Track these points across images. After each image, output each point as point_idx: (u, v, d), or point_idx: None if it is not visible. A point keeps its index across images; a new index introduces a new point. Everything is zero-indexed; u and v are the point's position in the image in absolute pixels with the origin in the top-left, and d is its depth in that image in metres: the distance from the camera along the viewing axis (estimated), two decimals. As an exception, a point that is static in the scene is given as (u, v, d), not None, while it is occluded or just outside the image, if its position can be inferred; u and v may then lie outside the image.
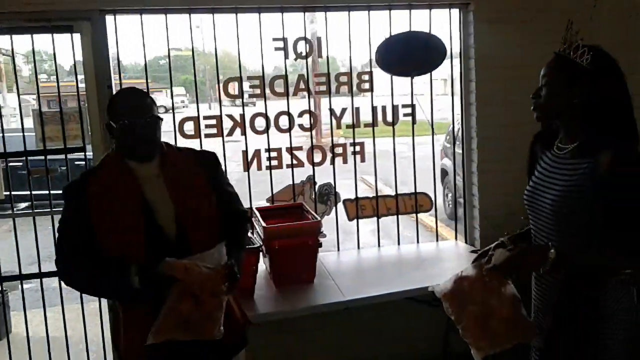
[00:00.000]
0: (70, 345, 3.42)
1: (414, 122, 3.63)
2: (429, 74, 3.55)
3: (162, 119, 2.01)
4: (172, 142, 2.43)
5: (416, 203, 3.73)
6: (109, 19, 3.20)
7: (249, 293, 2.87)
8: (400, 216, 3.72)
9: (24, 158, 3.29)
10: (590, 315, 1.77)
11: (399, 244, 3.76)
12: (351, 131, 3.58)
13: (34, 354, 3.39)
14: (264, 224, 2.89)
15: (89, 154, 3.33)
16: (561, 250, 1.70)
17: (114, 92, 3.22)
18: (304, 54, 3.39)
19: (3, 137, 3.22)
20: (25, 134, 3.33)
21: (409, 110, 3.60)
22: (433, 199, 3.81)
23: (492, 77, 3.52)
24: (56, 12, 3.09)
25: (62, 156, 3.28)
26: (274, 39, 3.36)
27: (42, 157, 3.28)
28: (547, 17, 3.43)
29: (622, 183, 1.64)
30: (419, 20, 3.49)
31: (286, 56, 3.38)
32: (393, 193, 3.70)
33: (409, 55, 3.43)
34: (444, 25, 3.57)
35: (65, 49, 3.24)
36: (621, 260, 1.68)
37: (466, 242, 3.75)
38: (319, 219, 3.05)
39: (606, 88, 1.76)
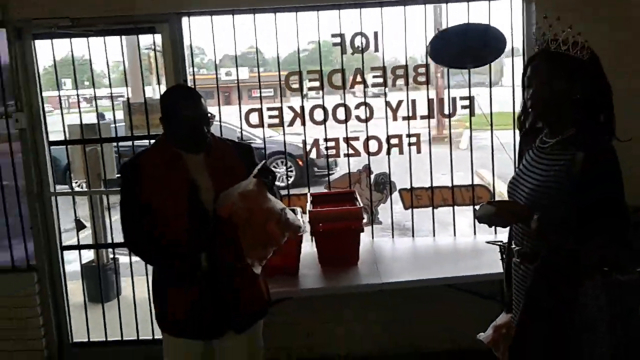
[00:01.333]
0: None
1: (471, 114, 3.64)
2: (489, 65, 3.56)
3: (212, 115, 2.28)
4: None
5: (473, 195, 3.75)
6: (185, 20, 3.59)
7: (294, 272, 3.12)
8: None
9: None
10: (566, 316, 1.80)
11: (454, 234, 3.80)
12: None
13: (139, 313, 3.89)
14: (309, 208, 3.13)
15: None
16: (542, 224, 1.75)
17: (190, 85, 3.62)
18: (360, 48, 3.55)
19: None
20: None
21: (467, 102, 3.63)
22: (492, 192, 3.80)
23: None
24: (140, 16, 3.51)
25: (147, 142, 3.73)
26: (333, 35, 3.55)
27: (130, 143, 3.77)
28: (612, 4, 3.28)
29: (593, 181, 1.70)
30: (478, 13, 3.50)
31: (344, 51, 3.56)
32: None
33: (466, 47, 3.45)
34: (504, 16, 3.54)
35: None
36: (596, 245, 1.74)
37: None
38: (361, 205, 3.21)
39: (602, 83, 1.82)
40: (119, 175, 2.40)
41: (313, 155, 3.71)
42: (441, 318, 3.64)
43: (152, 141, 2.57)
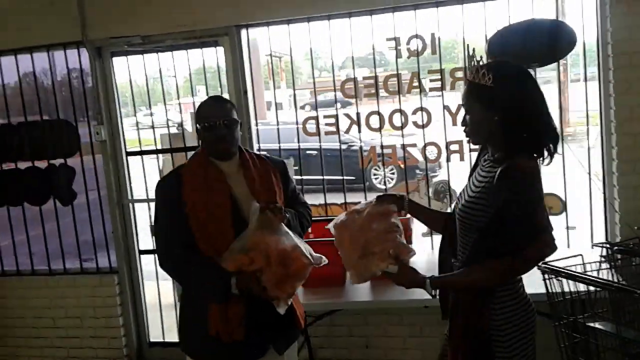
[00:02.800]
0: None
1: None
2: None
3: (240, 122, 2.30)
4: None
5: None
6: (244, 33, 3.69)
7: (341, 282, 3.06)
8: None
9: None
10: (483, 329, 1.89)
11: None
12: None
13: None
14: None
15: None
16: (435, 281, 1.94)
17: (247, 96, 3.72)
18: (416, 51, 3.42)
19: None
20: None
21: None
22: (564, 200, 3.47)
23: (634, 64, 3.08)
24: (202, 30, 3.67)
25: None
26: (387, 39, 3.45)
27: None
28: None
29: (508, 188, 1.77)
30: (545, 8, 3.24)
31: (398, 55, 3.45)
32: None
33: (529, 45, 3.20)
34: (575, 10, 3.24)
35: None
36: (476, 272, 1.87)
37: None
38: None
39: (517, 102, 1.80)
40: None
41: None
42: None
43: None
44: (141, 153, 4.09)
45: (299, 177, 3.92)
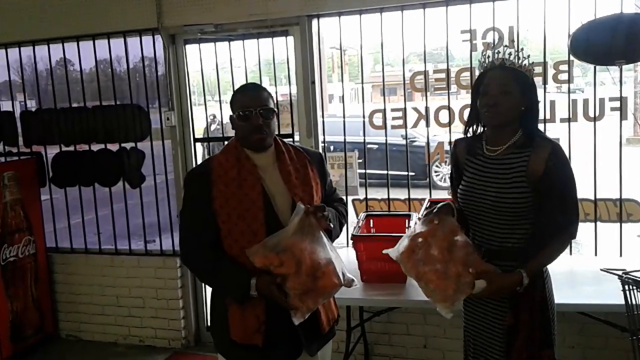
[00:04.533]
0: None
1: (622, 117, 3.17)
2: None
3: (275, 111, 2.17)
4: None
5: (621, 210, 3.25)
6: (315, 23, 3.67)
7: (402, 279, 2.98)
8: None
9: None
10: (545, 299, 2.11)
11: (595, 254, 3.34)
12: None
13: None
14: (421, 213, 2.96)
15: (297, 139, 3.87)
16: (529, 270, 2.02)
17: (315, 86, 3.69)
18: (492, 44, 3.29)
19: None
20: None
21: (616, 103, 3.16)
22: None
23: None
24: (273, 19, 3.68)
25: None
26: (462, 31, 3.35)
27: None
28: None
29: (562, 166, 2.01)
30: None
31: (473, 48, 3.33)
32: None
33: (616, 41, 3.01)
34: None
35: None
36: (556, 250, 2.07)
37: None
38: (449, 202, 2.96)
39: (536, 94, 2.12)
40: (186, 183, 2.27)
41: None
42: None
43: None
44: (208, 140, 4.15)
45: (362, 171, 3.88)
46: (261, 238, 2.09)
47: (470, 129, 2.21)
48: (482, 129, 2.20)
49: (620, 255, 3.29)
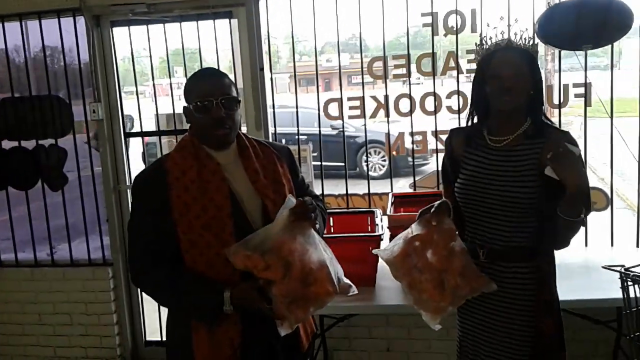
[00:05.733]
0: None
1: (587, 104, 3.10)
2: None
3: (239, 101, 1.84)
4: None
5: (612, 197, 3.20)
6: (262, 3, 3.34)
7: (371, 282, 2.75)
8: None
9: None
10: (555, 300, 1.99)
11: (612, 244, 3.23)
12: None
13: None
14: (389, 211, 2.74)
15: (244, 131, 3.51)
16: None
17: (265, 74, 3.37)
18: (455, 28, 3.12)
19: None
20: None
21: (581, 90, 3.08)
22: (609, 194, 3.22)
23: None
24: (216, -1, 3.32)
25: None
26: (422, 14, 3.15)
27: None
28: None
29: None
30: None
31: (435, 32, 3.14)
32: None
33: (582, 25, 2.92)
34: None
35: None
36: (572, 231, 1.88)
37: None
38: (446, 200, 2.78)
39: (542, 79, 1.96)
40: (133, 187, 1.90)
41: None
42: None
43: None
44: (142, 134, 3.73)
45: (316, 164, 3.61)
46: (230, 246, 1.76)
47: (473, 118, 2.04)
48: (474, 118, 2.02)
49: (612, 244, 3.21)
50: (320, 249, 1.82)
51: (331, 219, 3.09)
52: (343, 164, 3.49)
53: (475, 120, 2.04)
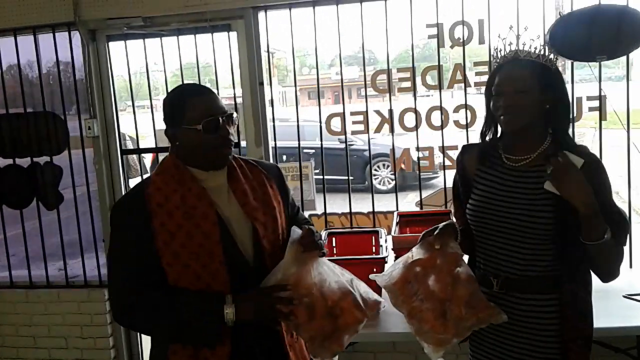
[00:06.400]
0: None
1: (601, 117, 2.95)
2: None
3: (237, 117, 1.75)
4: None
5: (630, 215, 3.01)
6: (261, 16, 3.23)
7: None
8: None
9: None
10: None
11: (630, 266, 3.02)
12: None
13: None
14: (393, 232, 2.60)
15: (243, 145, 3.40)
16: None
17: (265, 89, 3.26)
18: (461, 40, 2.99)
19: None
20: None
21: (595, 103, 2.94)
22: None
23: None
24: (214, 12, 3.21)
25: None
26: (428, 25, 3.02)
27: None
28: None
29: (604, 181, 1.69)
30: (612, -8, 2.82)
31: (441, 44, 3.02)
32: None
33: (594, 36, 2.77)
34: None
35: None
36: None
37: None
38: (453, 221, 2.64)
39: (565, 91, 1.77)
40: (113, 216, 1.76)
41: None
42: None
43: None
44: (139, 151, 3.62)
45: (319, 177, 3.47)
46: (223, 279, 1.65)
47: (487, 136, 1.87)
48: (492, 134, 1.86)
49: (630, 267, 3.02)
50: (338, 274, 1.72)
51: (334, 239, 2.95)
52: (350, 177, 3.35)
53: (491, 136, 1.88)
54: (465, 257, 1.90)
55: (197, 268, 1.64)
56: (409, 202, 7.20)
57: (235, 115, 1.72)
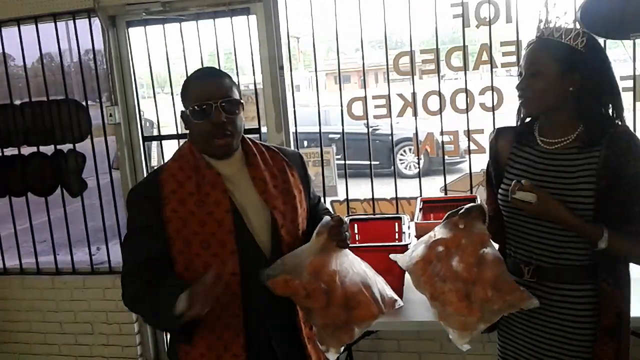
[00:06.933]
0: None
1: (635, 98, 2.81)
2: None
3: (242, 104, 1.68)
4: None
5: None
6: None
7: (398, 295, 2.53)
8: None
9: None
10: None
11: None
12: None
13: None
14: (415, 219, 2.53)
15: (264, 131, 3.37)
16: (610, 243, 1.59)
17: (285, 74, 3.20)
18: (487, 19, 2.88)
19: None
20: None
21: (629, 82, 2.80)
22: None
23: None
24: (233, -5, 3.16)
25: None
26: (452, 5, 2.92)
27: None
28: None
29: (633, 165, 1.59)
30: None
31: (466, 24, 2.91)
32: None
33: (629, 12, 2.64)
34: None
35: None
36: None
37: None
38: (482, 204, 2.55)
39: (604, 72, 1.66)
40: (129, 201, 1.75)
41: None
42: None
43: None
44: (160, 138, 3.60)
45: (341, 162, 3.40)
46: (234, 271, 1.61)
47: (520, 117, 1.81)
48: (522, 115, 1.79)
49: None
50: (360, 268, 1.68)
51: (355, 225, 2.90)
52: (374, 162, 3.28)
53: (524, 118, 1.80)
54: (496, 246, 1.83)
55: (208, 257, 1.61)
56: (436, 186, 7.10)
57: (238, 101, 1.65)
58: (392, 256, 1.85)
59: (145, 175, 3.56)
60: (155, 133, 3.68)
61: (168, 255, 1.62)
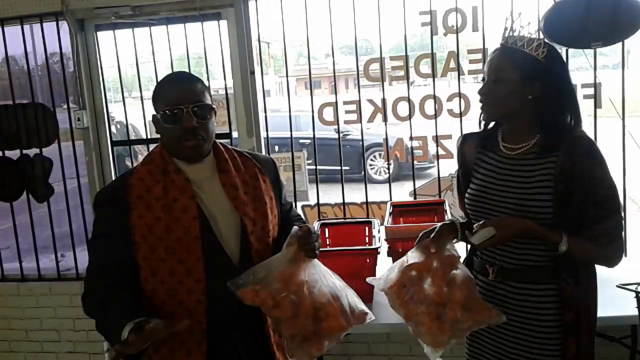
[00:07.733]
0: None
1: (596, 105, 2.91)
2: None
3: (214, 109, 1.68)
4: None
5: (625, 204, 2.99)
6: (252, 5, 3.18)
7: (368, 298, 2.57)
8: None
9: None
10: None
11: (625, 254, 2.95)
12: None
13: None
14: (385, 223, 2.57)
15: (235, 136, 3.36)
16: (570, 239, 1.63)
17: (256, 78, 3.21)
18: (455, 27, 2.94)
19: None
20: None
21: (590, 90, 2.90)
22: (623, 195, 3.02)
23: None
24: (203, 0, 3.15)
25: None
26: (421, 13, 2.97)
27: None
28: None
29: (599, 169, 1.65)
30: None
31: (434, 32, 2.97)
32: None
33: (590, 22, 2.73)
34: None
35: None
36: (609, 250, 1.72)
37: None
38: (452, 220, 2.61)
39: (560, 81, 1.71)
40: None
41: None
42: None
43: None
44: (129, 143, 3.57)
45: (312, 167, 3.43)
46: (199, 277, 1.60)
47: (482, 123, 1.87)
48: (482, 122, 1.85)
49: (625, 255, 2.98)
50: (330, 279, 1.68)
51: (326, 229, 2.92)
52: (345, 168, 3.32)
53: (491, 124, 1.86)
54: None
55: (173, 263, 1.60)
56: (405, 191, 7.19)
57: (209, 106, 1.66)
58: (368, 279, 1.90)
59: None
60: (133, 137, 3.64)
61: (133, 261, 1.60)
